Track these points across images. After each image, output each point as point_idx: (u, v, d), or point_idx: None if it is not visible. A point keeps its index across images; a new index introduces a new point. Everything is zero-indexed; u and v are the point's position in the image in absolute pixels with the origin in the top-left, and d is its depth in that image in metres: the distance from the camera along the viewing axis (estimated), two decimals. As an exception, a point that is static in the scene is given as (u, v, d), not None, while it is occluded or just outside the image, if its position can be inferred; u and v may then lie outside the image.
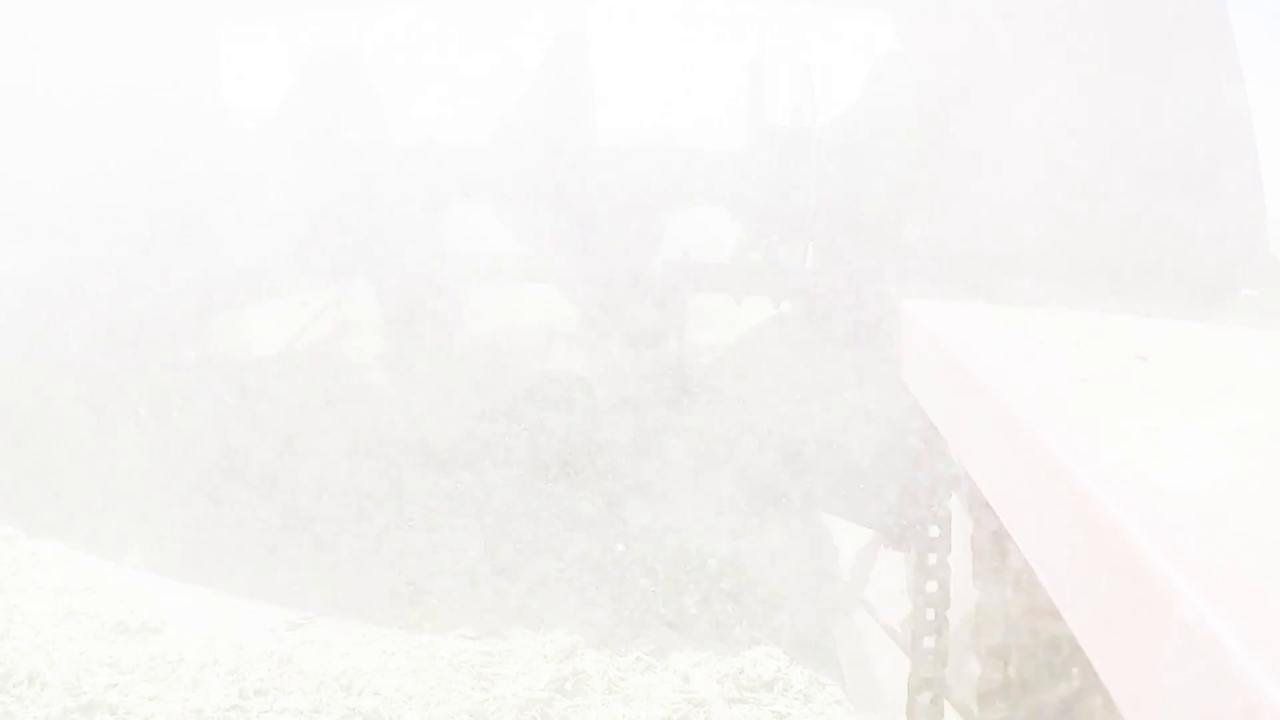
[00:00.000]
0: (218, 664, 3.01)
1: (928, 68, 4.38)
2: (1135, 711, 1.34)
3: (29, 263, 4.65)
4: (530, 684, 3.06)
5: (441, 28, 8.20)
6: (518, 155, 4.92)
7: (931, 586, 3.05)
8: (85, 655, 2.98)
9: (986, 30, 4.26)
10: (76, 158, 4.70)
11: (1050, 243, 4.02)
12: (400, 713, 2.89)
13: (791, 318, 4.51)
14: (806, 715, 3.04)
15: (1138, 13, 4.21)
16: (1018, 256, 4.03)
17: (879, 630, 3.84)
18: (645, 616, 3.53)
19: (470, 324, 5.42)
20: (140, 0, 4.94)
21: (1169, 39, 4.19)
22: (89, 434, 4.39)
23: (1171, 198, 4.09)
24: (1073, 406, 1.98)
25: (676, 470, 4.35)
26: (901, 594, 3.88)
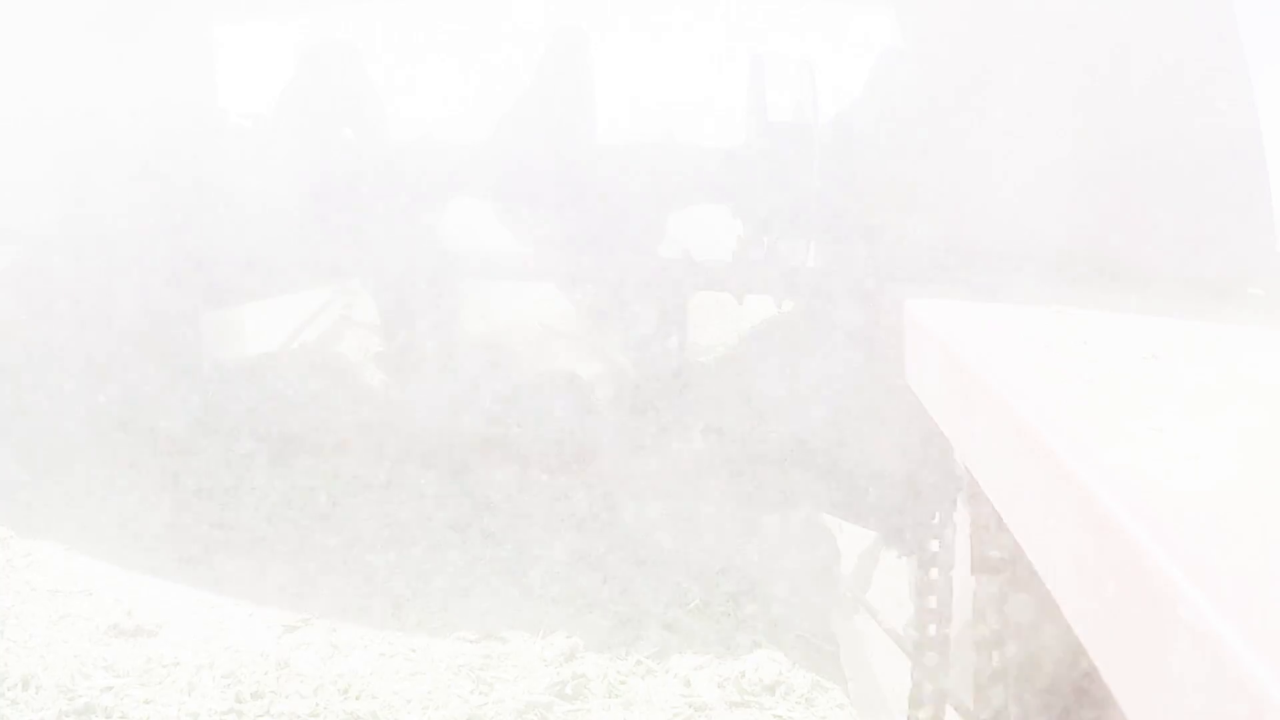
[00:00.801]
0: (214, 667, 2.98)
1: (930, 63, 4.34)
2: (1140, 713, 1.31)
3: (25, 262, 4.64)
4: (529, 687, 3.03)
5: (441, 25, 8.18)
6: (517, 153, 4.89)
7: (931, 602, 3.03)
8: (80, 658, 2.96)
9: (989, 26, 4.23)
10: (72, 156, 4.68)
11: (1054, 241, 3.99)
12: (398, 717, 2.86)
13: (793, 316, 4.47)
14: (809, 719, 3.01)
15: (1142, 8, 4.18)
16: (1021, 255, 4.00)
17: (881, 633, 3.81)
18: (646, 619, 3.50)
19: (469, 323, 5.39)
20: (138, -1, 4.93)
21: (1174, 34, 4.16)
22: (84, 435, 4.37)
23: (1177, 195, 4.06)
24: (1077, 406, 1.95)
25: (676, 470, 4.32)
26: (904, 597, 3.85)
